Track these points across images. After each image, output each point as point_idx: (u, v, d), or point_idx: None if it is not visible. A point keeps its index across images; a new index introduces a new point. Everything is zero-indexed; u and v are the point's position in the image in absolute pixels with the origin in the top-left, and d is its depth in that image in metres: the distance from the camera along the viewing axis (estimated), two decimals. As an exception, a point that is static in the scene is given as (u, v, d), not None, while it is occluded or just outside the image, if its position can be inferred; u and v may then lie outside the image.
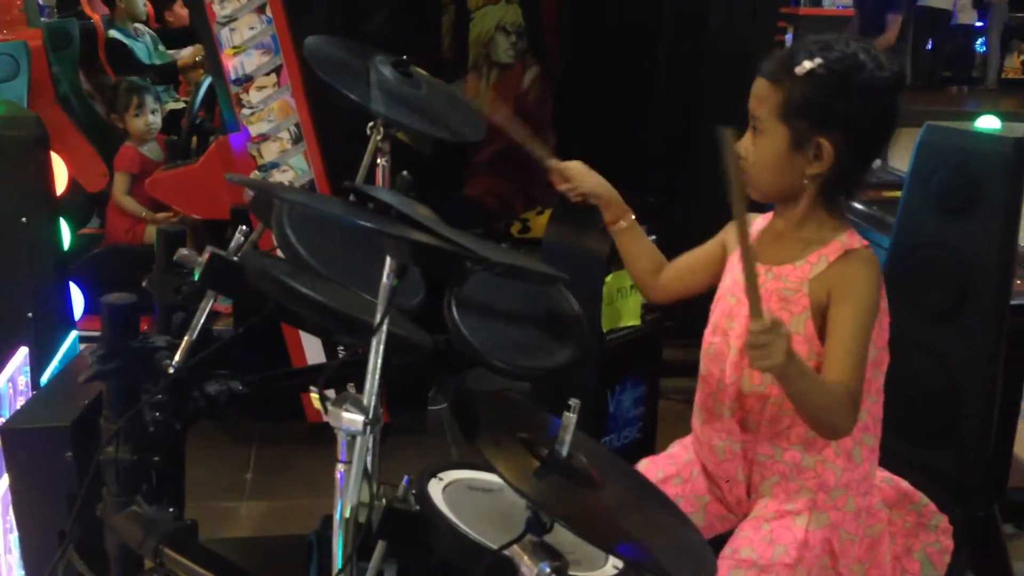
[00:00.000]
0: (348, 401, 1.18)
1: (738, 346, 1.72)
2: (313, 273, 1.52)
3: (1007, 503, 3.42)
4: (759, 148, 1.68)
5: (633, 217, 1.98)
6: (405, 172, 1.70)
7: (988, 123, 2.83)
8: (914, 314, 2.85)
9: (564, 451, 1.12)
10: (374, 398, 1.17)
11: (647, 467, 1.91)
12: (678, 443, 1.94)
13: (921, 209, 2.87)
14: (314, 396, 1.18)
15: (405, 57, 1.93)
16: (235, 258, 1.44)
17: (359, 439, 1.18)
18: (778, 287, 1.70)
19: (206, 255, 1.43)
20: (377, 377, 1.17)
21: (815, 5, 11.36)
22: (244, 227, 1.47)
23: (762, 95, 1.67)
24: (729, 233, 1.87)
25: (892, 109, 1.67)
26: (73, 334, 2.47)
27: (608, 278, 2.61)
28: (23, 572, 1.70)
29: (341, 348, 2.56)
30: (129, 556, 1.52)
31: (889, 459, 1.93)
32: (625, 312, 2.67)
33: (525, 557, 1.10)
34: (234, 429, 3.68)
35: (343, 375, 1.92)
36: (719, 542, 1.77)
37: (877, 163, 4.84)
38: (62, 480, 1.53)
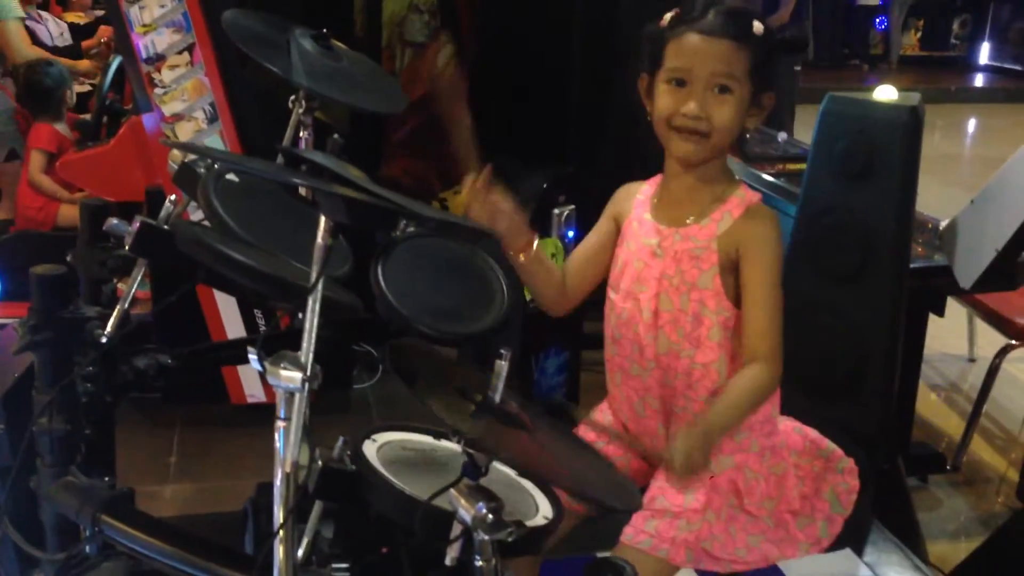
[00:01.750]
0: (286, 359, 1.21)
1: (651, 308, 1.79)
2: (241, 242, 1.55)
3: (910, 457, 3.61)
4: (727, 108, 1.71)
5: (536, 241, 1.89)
6: (336, 135, 1.73)
7: (885, 93, 2.96)
8: (819, 277, 2.97)
9: (497, 397, 1.18)
10: (311, 355, 1.21)
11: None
12: (597, 410, 2.02)
13: (824, 177, 2.99)
14: (252, 358, 1.21)
15: (325, 30, 1.95)
16: (165, 226, 1.46)
17: (297, 396, 1.21)
18: (687, 247, 1.78)
19: (136, 224, 1.44)
20: (314, 336, 1.21)
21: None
22: (173, 196, 1.48)
23: (729, 55, 1.70)
24: (619, 205, 1.92)
25: None
26: (-6, 318, 2.44)
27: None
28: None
29: (261, 322, 2.59)
30: (65, 526, 1.53)
31: (798, 415, 2.04)
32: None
33: (462, 500, 1.15)
34: (156, 413, 3.66)
35: (272, 346, 1.95)
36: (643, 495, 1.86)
37: (783, 136, 5.01)
38: (-6, 454, 1.53)
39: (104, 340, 1.47)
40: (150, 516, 1.50)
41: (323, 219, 1.16)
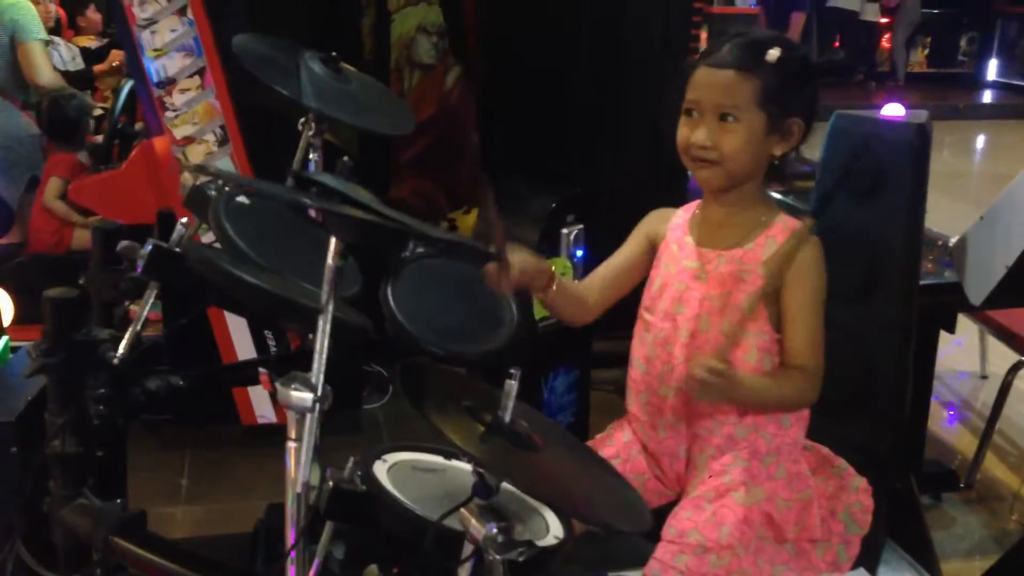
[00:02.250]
0: (296, 380, 1.22)
1: (689, 328, 1.80)
2: (252, 263, 1.56)
3: (923, 475, 3.59)
4: (734, 136, 1.73)
5: (553, 271, 1.91)
6: (346, 157, 1.75)
7: (893, 110, 2.97)
8: (829, 295, 2.97)
9: (507, 416, 1.18)
10: (322, 376, 1.22)
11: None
12: (615, 425, 2.01)
13: (832, 194, 2.99)
14: (264, 378, 1.22)
15: (334, 53, 1.97)
16: (177, 249, 1.47)
17: (308, 416, 1.22)
18: (732, 269, 1.79)
19: (149, 247, 1.45)
20: (324, 356, 1.22)
21: (727, 3, 11.62)
22: (185, 219, 1.50)
23: (732, 85, 1.72)
24: (653, 226, 1.94)
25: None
26: (4, 339, 2.46)
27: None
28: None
29: (272, 344, 2.59)
30: (77, 548, 1.54)
31: (810, 434, 2.03)
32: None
33: (472, 520, 1.15)
34: (167, 435, 3.67)
35: (282, 367, 1.97)
36: (657, 516, 1.85)
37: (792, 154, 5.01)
38: (7, 475, 1.54)
39: (116, 362, 1.47)
40: (161, 538, 1.51)
41: (333, 240, 1.17)
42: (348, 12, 4.47)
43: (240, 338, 3.31)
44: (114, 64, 5.05)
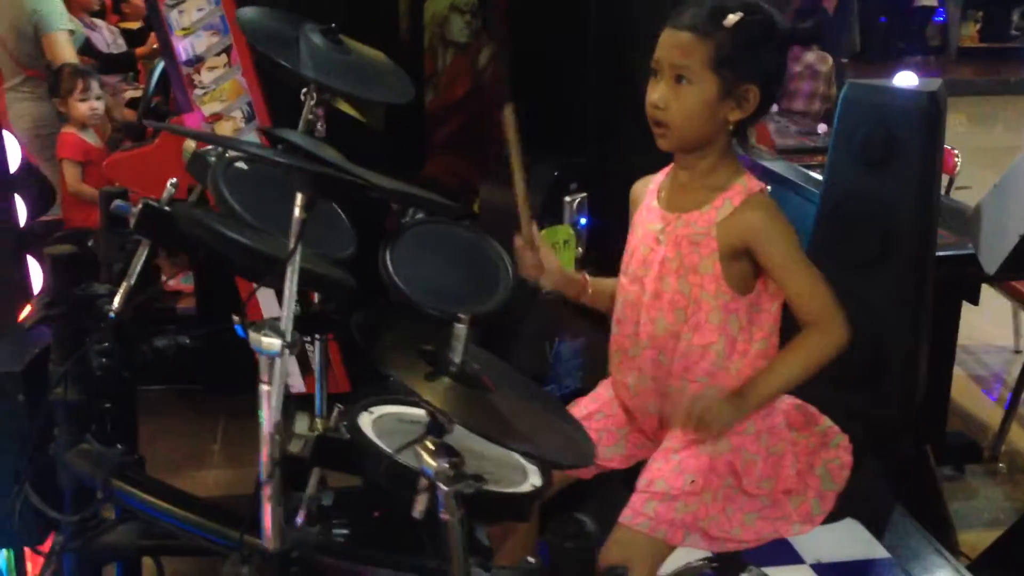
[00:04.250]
0: (267, 327, 1.29)
1: (652, 290, 1.85)
2: (245, 225, 1.64)
3: (946, 447, 3.59)
4: (685, 98, 1.76)
5: (587, 277, 2.01)
6: (317, 128, 1.82)
7: (905, 79, 2.96)
8: (840, 264, 2.97)
9: (457, 358, 1.25)
10: (290, 323, 1.29)
11: (575, 406, 2.05)
12: (602, 383, 2.07)
13: (845, 164, 3.00)
14: (237, 324, 1.30)
15: (333, 25, 2.04)
16: (166, 208, 1.56)
17: (277, 361, 1.30)
18: (688, 232, 1.82)
19: (139, 205, 1.54)
20: (292, 303, 1.29)
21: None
22: (174, 179, 1.58)
23: (687, 47, 1.75)
24: (634, 199, 1.99)
25: (786, 53, 1.84)
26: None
27: (540, 233, 2.72)
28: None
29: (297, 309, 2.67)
30: (81, 490, 1.63)
31: (814, 401, 2.06)
32: (559, 265, 2.79)
33: (425, 456, 1.22)
34: (201, 403, 3.80)
35: (307, 327, 2.04)
36: (639, 468, 1.91)
37: (823, 128, 4.98)
38: (16, 422, 1.64)
39: (112, 315, 1.56)
40: (157, 480, 1.60)
41: (298, 194, 1.25)
42: (382, -8, 4.53)
43: (268, 304, 3.41)
44: (154, 46, 5.17)
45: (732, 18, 1.73)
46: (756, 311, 1.83)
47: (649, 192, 1.94)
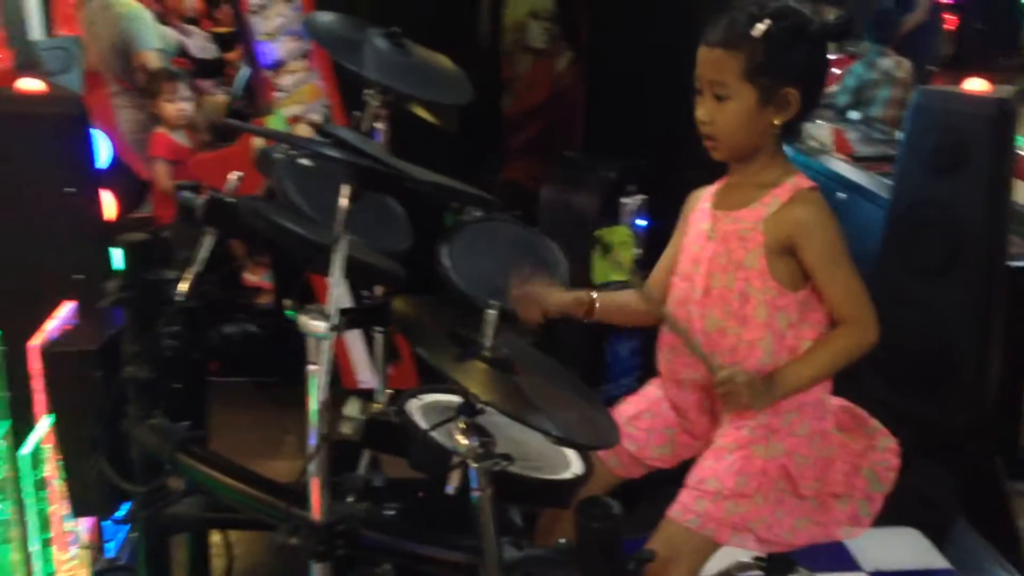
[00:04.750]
0: (315, 311, 1.38)
1: (702, 286, 1.89)
2: (303, 217, 1.73)
3: (1018, 460, 3.51)
4: (727, 112, 1.81)
5: (594, 295, 2.01)
6: (356, 113, 1.90)
7: (976, 85, 2.94)
8: (908, 270, 2.98)
9: (487, 343, 1.31)
10: (336, 307, 1.37)
11: (623, 406, 2.09)
12: (651, 383, 2.10)
13: (915, 171, 2.99)
14: (287, 306, 1.38)
15: (396, 29, 2.12)
16: (231, 199, 1.66)
17: (324, 343, 1.38)
18: (736, 228, 1.86)
19: (205, 197, 1.64)
20: (339, 287, 1.37)
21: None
22: (239, 173, 1.68)
23: (720, 62, 1.79)
24: (686, 209, 2.03)
25: (826, 48, 1.85)
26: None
27: (598, 234, 2.78)
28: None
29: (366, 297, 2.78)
30: (151, 463, 1.74)
31: (874, 404, 2.07)
32: (616, 266, 2.82)
33: (458, 435, 1.29)
34: (276, 394, 3.93)
35: (368, 319, 2.12)
36: (686, 467, 1.94)
37: (900, 134, 4.91)
38: (92, 398, 1.76)
39: (178, 299, 1.67)
40: (219, 455, 1.70)
41: (344, 185, 1.33)
42: (463, -1, 4.61)
43: (362, 366, 3.53)
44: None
45: (760, 27, 1.76)
46: (808, 308, 1.84)
47: (702, 199, 1.98)
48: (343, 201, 1.34)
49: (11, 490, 2.15)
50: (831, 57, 2.04)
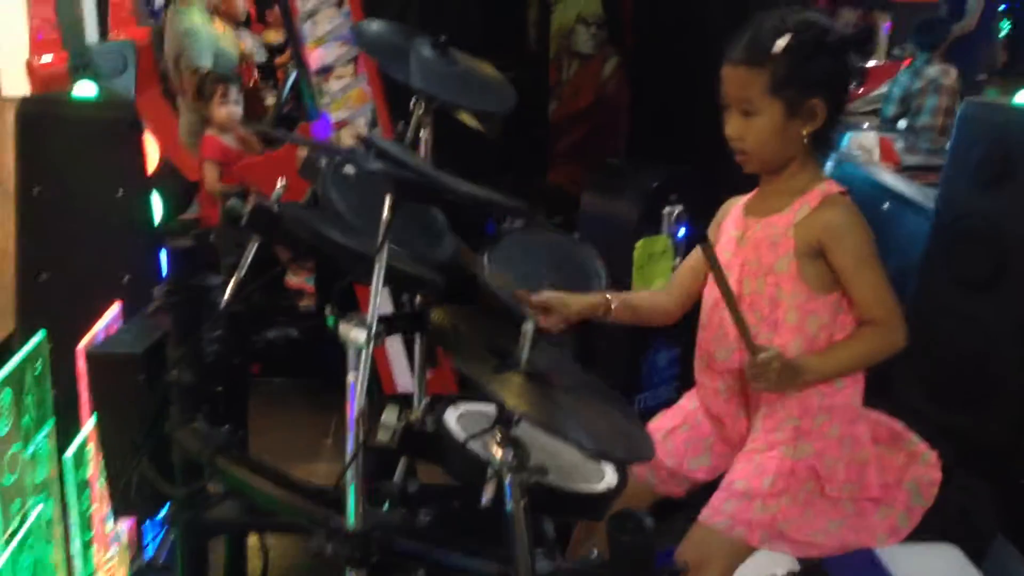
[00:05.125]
0: (355, 319, 1.39)
1: (734, 292, 1.89)
2: (345, 225, 1.75)
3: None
4: (756, 127, 1.83)
5: (609, 296, 2.00)
6: (402, 123, 1.92)
7: (1024, 98, 2.90)
8: (953, 282, 2.94)
9: (524, 356, 1.32)
10: (375, 317, 1.39)
11: (658, 420, 2.10)
12: (686, 395, 2.12)
13: (961, 182, 2.96)
14: (328, 317, 1.40)
15: (443, 38, 2.14)
16: (275, 207, 1.68)
17: (363, 352, 1.40)
18: (768, 234, 1.88)
19: (251, 204, 1.67)
20: (379, 297, 1.39)
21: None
22: (283, 180, 1.71)
23: (745, 80, 1.82)
24: (718, 218, 2.05)
25: (847, 53, 1.84)
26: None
27: (639, 243, 2.78)
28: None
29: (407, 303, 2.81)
30: (191, 465, 1.77)
31: (917, 421, 2.05)
32: (656, 276, 2.82)
33: (493, 446, 1.30)
34: (317, 398, 3.96)
35: (407, 325, 2.14)
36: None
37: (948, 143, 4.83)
38: (136, 401, 1.79)
39: (222, 306, 1.69)
40: (258, 459, 1.72)
41: (387, 196, 1.34)
42: (512, 4, 4.63)
43: (401, 374, 3.55)
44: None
45: (780, 43, 1.77)
46: (839, 312, 1.85)
47: (735, 208, 2.00)
48: (385, 211, 1.35)
49: (55, 490, 2.20)
50: (872, 64, 2.03)
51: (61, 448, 2.24)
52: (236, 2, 5.57)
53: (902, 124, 5.30)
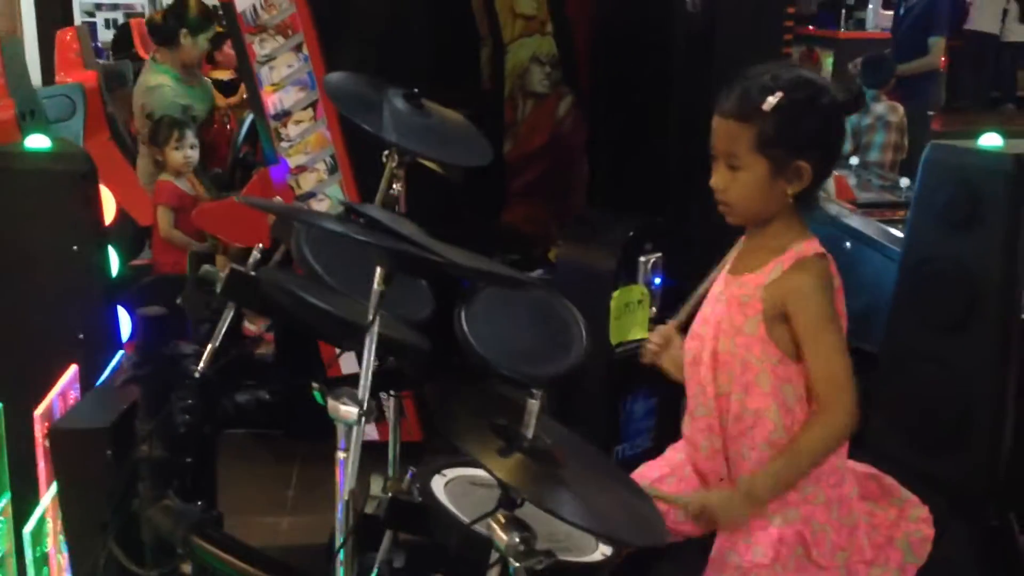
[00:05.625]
0: (345, 395, 1.32)
1: (710, 348, 1.86)
2: (326, 288, 1.69)
3: (1034, 517, 3.46)
4: (740, 182, 1.81)
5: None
6: (395, 188, 1.86)
7: (990, 140, 2.92)
8: (923, 326, 2.94)
9: (529, 433, 1.26)
10: (367, 392, 1.32)
11: (645, 469, 2.05)
12: (672, 447, 2.07)
13: (927, 225, 2.96)
14: (315, 391, 1.33)
15: (416, 90, 2.09)
16: (252, 273, 1.61)
17: (355, 429, 1.33)
18: (738, 293, 1.86)
19: (227, 270, 1.59)
20: (370, 372, 1.32)
21: (858, 28, 11.36)
22: (260, 245, 1.64)
23: (733, 134, 1.79)
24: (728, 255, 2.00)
25: (841, 117, 1.84)
26: (120, 354, 2.66)
27: (615, 293, 2.74)
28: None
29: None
30: (163, 546, 1.68)
31: (896, 468, 2.03)
32: (633, 326, 2.79)
33: (497, 529, 1.23)
34: (278, 448, 3.85)
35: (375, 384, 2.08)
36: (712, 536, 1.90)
37: (905, 182, 4.89)
38: (103, 477, 1.69)
39: (198, 375, 1.61)
40: (234, 538, 1.64)
41: (377, 268, 1.28)
42: (466, 44, 4.61)
43: (346, 356, 3.46)
44: (244, 97, 5.33)
45: (772, 101, 1.75)
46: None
47: (732, 258, 1.96)
48: (376, 284, 1.29)
49: (11, 565, 2.08)
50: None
51: (16, 519, 2.12)
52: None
53: (854, 160, 5.34)
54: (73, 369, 2.32)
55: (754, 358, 1.81)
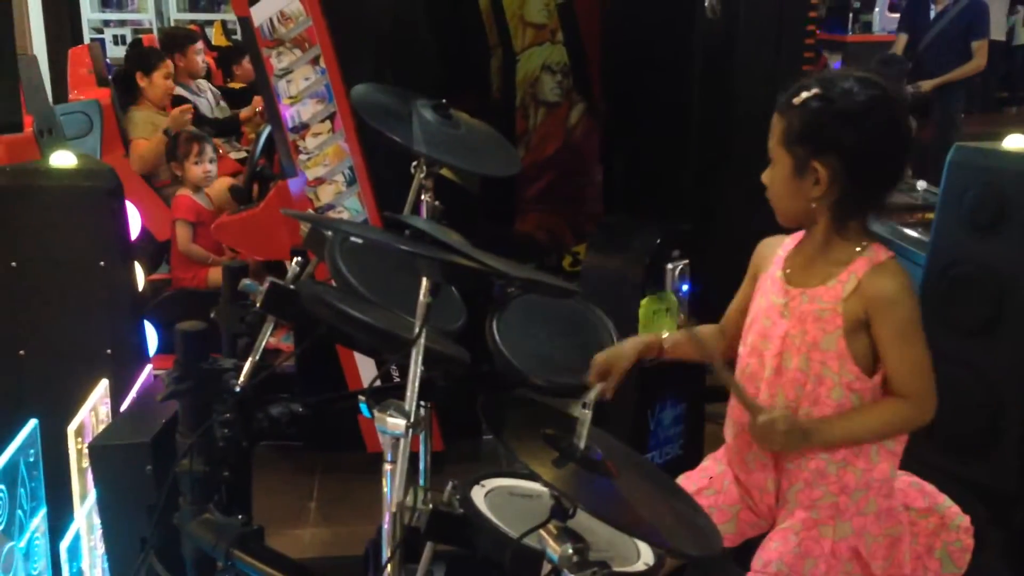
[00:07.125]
0: (392, 407, 1.32)
1: (773, 365, 1.82)
2: (362, 299, 1.68)
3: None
4: (772, 177, 1.80)
5: (666, 334, 2.02)
6: (438, 202, 1.86)
7: (1016, 142, 2.91)
8: (951, 330, 2.92)
9: (581, 444, 1.25)
10: (415, 404, 1.31)
11: (682, 481, 2.01)
12: (710, 457, 2.04)
13: (954, 228, 2.95)
14: (362, 404, 1.32)
15: (444, 100, 2.08)
16: (291, 286, 1.60)
17: (402, 441, 1.32)
18: (813, 308, 1.79)
19: (266, 284, 1.59)
20: (417, 385, 1.32)
21: (865, 31, 11.36)
22: (299, 258, 1.63)
23: (773, 126, 1.79)
24: (759, 259, 1.97)
25: (892, 132, 1.75)
26: (148, 368, 2.66)
27: (643, 301, 2.73)
28: (109, 580, 1.87)
29: (395, 373, 2.73)
30: (203, 559, 1.67)
31: (927, 472, 2.01)
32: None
33: (550, 540, 1.23)
34: (298, 460, 3.85)
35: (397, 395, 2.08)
36: (751, 546, 1.88)
37: (923, 184, 4.88)
38: (143, 492, 1.69)
39: (238, 390, 1.61)
40: (277, 552, 1.63)
41: (424, 279, 1.27)
42: (477, 54, 4.62)
43: (366, 367, 3.46)
44: (258, 109, 5.34)
45: (803, 95, 1.73)
46: (879, 395, 1.80)
47: (777, 259, 1.91)
48: (422, 295, 1.29)
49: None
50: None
51: (52, 534, 2.12)
52: (195, 59, 5.50)
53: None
54: (103, 383, 2.32)
55: (831, 373, 1.77)
